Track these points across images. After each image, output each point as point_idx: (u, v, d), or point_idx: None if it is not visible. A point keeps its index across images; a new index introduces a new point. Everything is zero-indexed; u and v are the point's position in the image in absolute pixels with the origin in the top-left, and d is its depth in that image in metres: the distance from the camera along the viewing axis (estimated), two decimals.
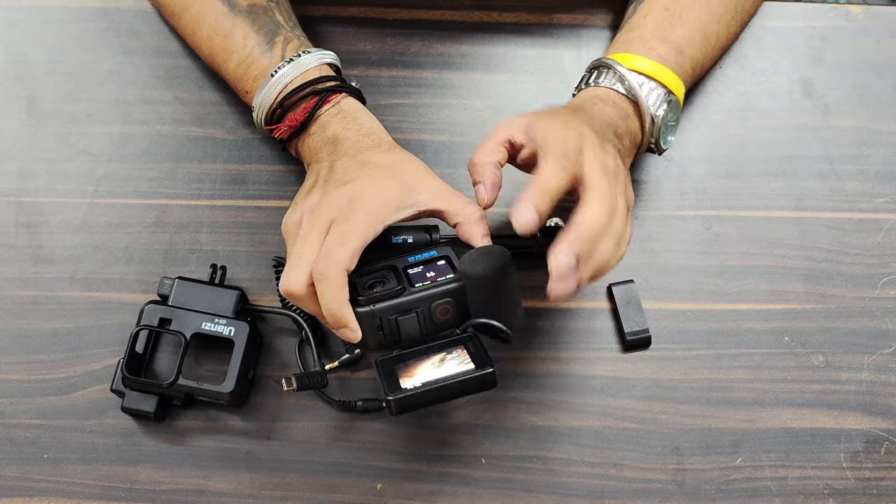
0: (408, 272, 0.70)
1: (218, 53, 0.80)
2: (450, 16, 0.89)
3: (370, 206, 0.68)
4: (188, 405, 0.76)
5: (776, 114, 0.86)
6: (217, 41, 0.80)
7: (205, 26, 0.80)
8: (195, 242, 0.81)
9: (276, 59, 0.77)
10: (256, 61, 0.77)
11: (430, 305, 0.68)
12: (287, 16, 0.81)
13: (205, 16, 0.80)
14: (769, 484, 0.76)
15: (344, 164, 0.72)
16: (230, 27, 0.79)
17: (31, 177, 0.83)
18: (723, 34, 0.82)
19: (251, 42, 0.78)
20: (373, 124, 0.76)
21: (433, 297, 0.68)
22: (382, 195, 0.69)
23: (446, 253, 0.71)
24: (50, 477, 0.75)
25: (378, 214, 0.69)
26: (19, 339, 0.79)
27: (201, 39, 0.81)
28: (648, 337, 0.78)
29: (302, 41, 0.79)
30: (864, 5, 0.91)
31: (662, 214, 0.83)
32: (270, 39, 0.78)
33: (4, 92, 0.86)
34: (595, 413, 0.77)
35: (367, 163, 0.72)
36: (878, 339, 0.80)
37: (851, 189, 0.84)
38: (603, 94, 0.75)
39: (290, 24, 0.80)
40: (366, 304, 0.67)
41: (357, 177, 0.70)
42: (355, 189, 0.69)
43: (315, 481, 0.75)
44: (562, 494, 0.75)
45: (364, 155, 0.72)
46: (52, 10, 0.88)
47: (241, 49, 0.78)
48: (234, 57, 0.79)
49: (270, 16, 0.79)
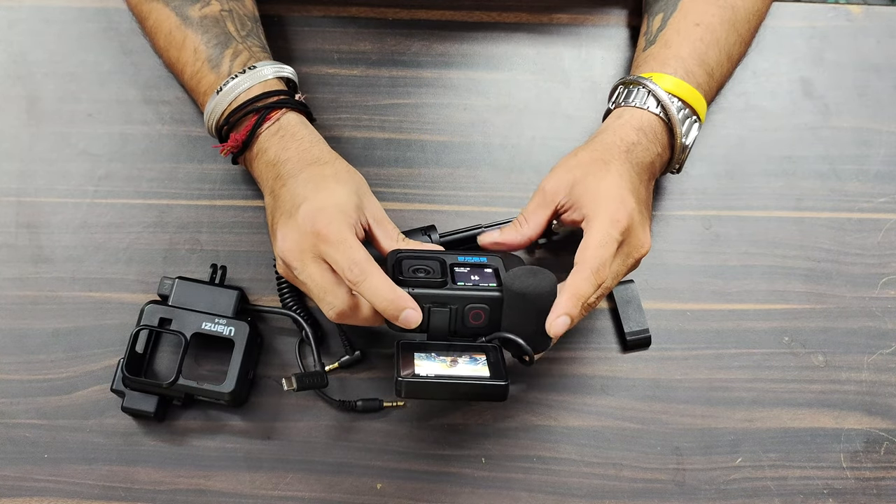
0: (454, 269, 0.71)
1: (174, 65, 0.81)
2: (450, 16, 0.89)
3: (335, 213, 0.69)
4: (188, 405, 0.76)
5: (776, 114, 0.86)
6: (172, 53, 0.80)
7: (161, 37, 0.81)
8: (195, 242, 0.81)
9: (223, 74, 0.76)
10: (205, 77, 0.77)
11: (465, 306, 0.68)
12: (240, 24, 0.79)
13: (160, 27, 0.80)
14: (769, 484, 0.76)
15: (289, 188, 0.72)
16: (182, 40, 0.79)
17: (31, 177, 0.83)
18: (742, 53, 0.83)
19: (201, 56, 0.78)
20: (312, 138, 0.75)
21: (471, 298, 0.68)
22: (340, 203, 0.69)
23: (496, 264, 0.72)
24: (50, 477, 0.75)
25: (345, 218, 0.69)
26: (19, 339, 0.79)
27: (160, 49, 0.82)
28: (648, 337, 0.78)
29: (252, 52, 0.78)
30: (864, 5, 0.91)
31: (662, 214, 0.83)
32: (220, 53, 0.77)
33: (5, 92, 0.86)
34: (595, 413, 0.77)
35: (311, 178, 0.71)
36: (878, 339, 0.80)
37: (851, 189, 0.84)
38: (647, 125, 0.74)
39: (241, 33, 0.79)
40: (405, 285, 0.68)
41: (307, 195, 0.70)
42: (312, 206, 0.69)
43: (315, 481, 0.75)
44: (562, 494, 0.75)
45: (306, 173, 0.72)
46: (52, 10, 0.88)
47: (192, 63, 0.78)
48: (187, 69, 0.79)
49: (222, 27, 0.78)
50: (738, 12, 0.80)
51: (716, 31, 0.79)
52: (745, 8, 0.81)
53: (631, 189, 0.71)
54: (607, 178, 0.71)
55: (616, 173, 0.71)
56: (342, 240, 0.67)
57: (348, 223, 0.69)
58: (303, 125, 0.76)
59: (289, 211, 0.70)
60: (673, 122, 0.74)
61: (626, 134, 0.74)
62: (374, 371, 0.78)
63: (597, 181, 0.71)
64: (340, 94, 0.86)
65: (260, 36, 0.80)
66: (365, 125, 0.85)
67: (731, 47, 0.80)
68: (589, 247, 0.69)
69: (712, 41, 0.78)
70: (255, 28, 0.81)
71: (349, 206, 0.70)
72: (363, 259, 0.67)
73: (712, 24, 0.79)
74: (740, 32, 0.81)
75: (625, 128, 0.74)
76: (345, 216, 0.69)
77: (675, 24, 0.79)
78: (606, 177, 0.71)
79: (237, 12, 0.80)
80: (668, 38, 0.78)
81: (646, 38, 0.81)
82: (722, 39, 0.79)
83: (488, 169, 0.84)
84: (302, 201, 0.70)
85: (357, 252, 0.67)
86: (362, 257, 0.67)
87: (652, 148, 0.74)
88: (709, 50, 0.78)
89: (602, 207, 0.70)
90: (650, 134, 0.74)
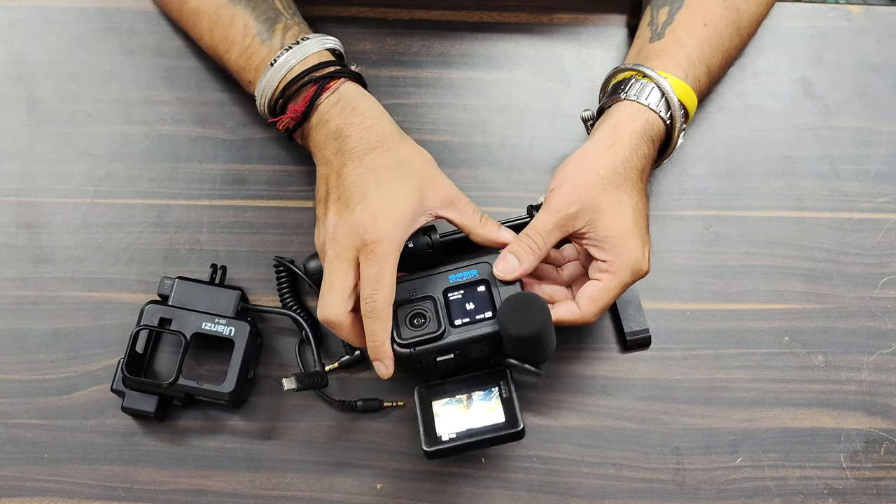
0: (448, 301, 0.71)
1: (219, 44, 0.80)
2: (450, 16, 0.89)
3: (390, 226, 0.68)
4: (188, 405, 0.76)
5: (776, 114, 0.86)
6: (218, 32, 0.80)
7: (205, 18, 0.80)
8: (195, 242, 0.81)
9: (276, 47, 0.76)
10: (257, 51, 0.77)
11: (466, 346, 0.69)
12: (286, 2, 0.80)
13: (204, 7, 0.80)
14: (769, 484, 0.76)
15: (351, 172, 0.71)
16: (230, 17, 0.79)
17: (31, 177, 0.83)
18: (738, 57, 0.84)
19: (251, 31, 0.77)
20: (374, 112, 0.74)
21: (471, 340, 0.69)
22: (398, 210, 0.69)
23: (485, 276, 0.72)
24: (50, 477, 0.75)
25: (400, 233, 0.69)
26: (19, 339, 0.79)
27: (202, 31, 0.81)
28: (648, 337, 0.78)
29: (302, 28, 0.78)
30: (864, 5, 0.91)
31: (662, 214, 0.83)
32: (270, 27, 0.77)
33: (5, 92, 0.86)
34: (595, 413, 0.77)
35: (375, 169, 0.71)
36: (877, 339, 0.80)
37: (851, 189, 0.84)
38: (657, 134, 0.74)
39: (289, 11, 0.80)
40: (406, 346, 0.69)
41: (368, 190, 0.70)
42: (370, 209, 0.69)
43: (315, 481, 0.75)
44: (562, 494, 0.75)
45: (369, 158, 0.71)
46: (52, 10, 0.88)
47: (241, 39, 0.78)
48: (235, 47, 0.78)
49: (269, 3, 0.79)
50: (742, 14, 0.80)
51: (721, 34, 0.79)
52: (749, 11, 0.81)
53: (646, 224, 0.72)
54: (627, 217, 0.71)
55: (634, 211, 0.71)
56: (382, 261, 0.68)
57: (398, 241, 0.69)
58: (363, 96, 0.75)
59: (347, 201, 0.70)
60: (675, 132, 0.75)
61: (641, 147, 0.73)
62: (373, 371, 0.78)
63: (620, 222, 0.70)
64: None
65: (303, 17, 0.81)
66: None
67: (731, 51, 0.81)
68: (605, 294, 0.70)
69: (718, 45, 0.78)
70: (297, 10, 0.81)
71: (406, 212, 0.69)
72: (384, 294, 0.68)
73: (719, 25, 0.79)
74: (742, 36, 0.81)
75: (641, 138, 0.73)
76: (400, 230, 0.69)
77: (684, 21, 0.78)
78: (627, 215, 0.71)
79: None
80: (679, 37, 0.78)
81: (651, 28, 0.80)
82: (726, 42, 0.79)
83: (488, 169, 0.84)
84: (361, 198, 0.69)
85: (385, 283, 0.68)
86: (385, 292, 0.68)
87: (654, 157, 0.75)
88: (714, 54, 0.78)
89: (626, 260, 0.70)
90: (658, 143, 0.75)
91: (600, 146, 0.72)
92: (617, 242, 0.70)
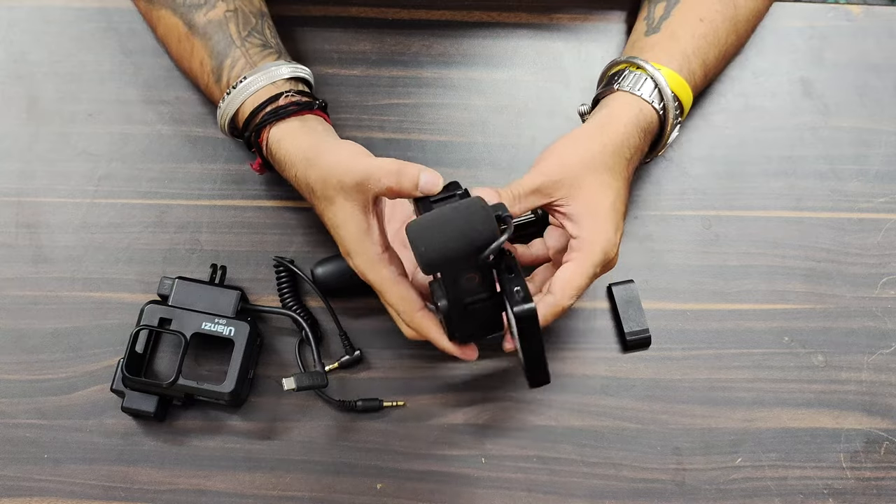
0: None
1: (188, 74, 0.82)
2: (450, 16, 0.89)
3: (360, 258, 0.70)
4: (188, 405, 0.76)
5: (776, 114, 0.86)
6: (185, 63, 0.81)
7: (172, 46, 0.82)
8: (195, 242, 0.81)
9: (223, 89, 0.77)
10: (213, 90, 0.79)
11: None
12: (244, 23, 0.78)
13: (170, 36, 0.81)
14: (769, 484, 0.76)
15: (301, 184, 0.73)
16: (190, 50, 0.79)
17: (31, 177, 0.83)
18: (736, 55, 0.84)
19: (206, 69, 0.78)
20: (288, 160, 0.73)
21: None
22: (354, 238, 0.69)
23: None
24: (50, 477, 0.75)
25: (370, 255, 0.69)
26: (19, 339, 0.79)
27: (173, 58, 0.84)
28: (648, 337, 0.78)
29: (248, 56, 0.77)
30: (864, 5, 0.91)
31: (662, 214, 0.83)
32: (220, 64, 0.77)
33: (5, 92, 0.86)
34: (595, 413, 0.77)
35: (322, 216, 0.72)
36: (878, 339, 0.80)
37: (851, 189, 0.84)
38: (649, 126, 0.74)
39: (242, 34, 0.78)
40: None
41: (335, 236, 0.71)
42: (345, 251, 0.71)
43: (315, 481, 0.75)
44: (562, 494, 0.75)
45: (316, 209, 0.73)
46: (52, 10, 0.88)
47: (201, 75, 0.79)
48: (199, 82, 0.80)
49: (224, 31, 0.78)
50: (739, 10, 0.80)
51: (718, 30, 0.79)
52: (747, 7, 0.81)
53: (624, 212, 0.72)
54: (607, 198, 0.70)
55: (615, 194, 0.71)
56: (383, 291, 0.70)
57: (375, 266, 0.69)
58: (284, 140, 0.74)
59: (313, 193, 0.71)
60: (668, 124, 0.75)
61: (632, 136, 0.73)
62: (374, 371, 0.78)
63: (599, 200, 0.70)
64: (340, 94, 0.86)
65: (264, 32, 0.79)
66: (365, 125, 0.85)
67: (728, 48, 0.80)
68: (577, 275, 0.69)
69: (714, 40, 0.78)
70: (260, 24, 0.79)
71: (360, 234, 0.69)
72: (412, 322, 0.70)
73: (715, 21, 0.79)
74: (739, 33, 0.81)
75: (633, 128, 0.73)
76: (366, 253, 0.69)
77: (680, 15, 0.79)
78: (608, 195, 0.70)
79: (242, 10, 0.79)
80: (675, 31, 0.78)
81: (646, 22, 0.80)
82: (722, 39, 0.79)
83: (488, 169, 0.84)
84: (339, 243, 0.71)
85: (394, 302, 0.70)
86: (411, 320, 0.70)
87: (644, 148, 0.75)
88: (710, 49, 0.78)
89: (599, 239, 0.69)
90: (649, 135, 0.74)
91: (592, 131, 0.73)
92: (592, 220, 0.70)
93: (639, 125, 0.73)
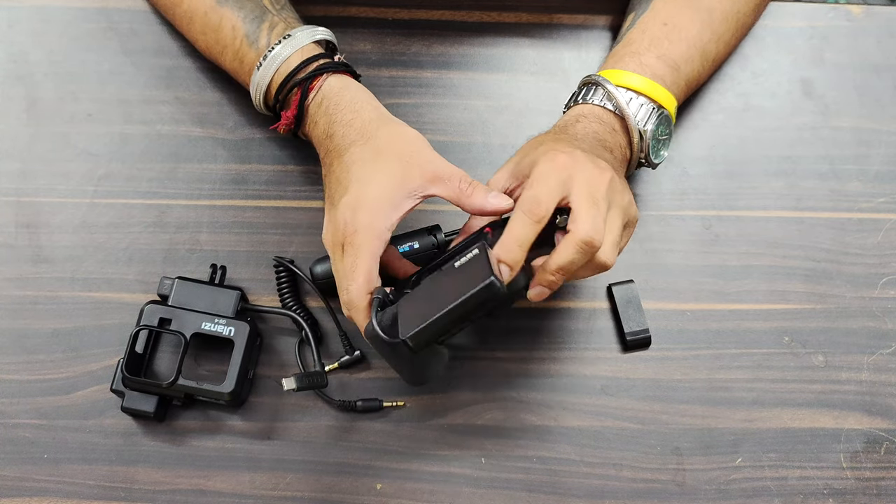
0: None
1: (213, 47, 0.80)
2: (450, 16, 0.89)
3: (367, 217, 0.68)
4: (188, 405, 0.76)
5: (776, 114, 0.86)
6: (210, 35, 0.80)
7: (196, 21, 0.81)
8: (195, 242, 0.81)
9: (262, 47, 0.77)
10: (247, 53, 0.77)
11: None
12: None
13: (195, 10, 0.80)
14: (769, 484, 0.76)
15: (336, 170, 0.72)
16: (219, 20, 0.79)
17: (31, 177, 0.83)
18: (721, 52, 0.82)
19: (239, 34, 0.78)
20: (354, 105, 0.73)
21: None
22: (374, 200, 0.68)
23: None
24: (50, 477, 0.75)
25: (379, 222, 0.68)
26: (19, 339, 0.79)
27: (196, 34, 0.82)
28: (648, 337, 0.78)
29: (288, 22, 0.78)
30: (864, 5, 0.91)
31: (662, 214, 0.83)
32: (257, 27, 0.77)
33: (4, 92, 0.86)
34: (595, 413, 0.77)
35: (353, 163, 0.70)
36: (878, 339, 0.80)
37: (851, 189, 0.84)
38: (588, 111, 0.75)
39: (276, 6, 0.79)
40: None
41: (349, 185, 0.70)
42: (349, 202, 0.69)
43: (315, 481, 0.75)
44: (562, 494, 0.75)
45: (349, 154, 0.71)
46: (52, 10, 0.88)
47: (231, 42, 0.78)
48: (227, 51, 0.79)
49: (256, 1, 0.79)
50: (713, 13, 0.80)
51: (684, 29, 0.78)
52: (723, 9, 0.81)
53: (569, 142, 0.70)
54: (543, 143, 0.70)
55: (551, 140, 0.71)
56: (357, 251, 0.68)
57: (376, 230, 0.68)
58: (345, 90, 0.74)
59: (331, 199, 0.71)
60: (623, 111, 0.74)
61: (568, 118, 0.75)
62: (374, 371, 0.78)
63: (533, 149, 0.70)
64: None
65: (293, 9, 0.80)
66: None
67: (704, 44, 0.80)
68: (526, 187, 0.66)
69: (679, 38, 0.78)
70: (288, 2, 0.81)
71: (383, 200, 0.68)
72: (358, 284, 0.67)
73: (681, 22, 0.79)
74: (715, 30, 0.80)
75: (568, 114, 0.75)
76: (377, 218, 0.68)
77: (643, 23, 0.79)
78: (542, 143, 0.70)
79: None
80: (632, 37, 0.79)
81: (617, 37, 0.81)
82: (693, 36, 0.79)
83: (488, 169, 0.84)
84: (342, 194, 0.69)
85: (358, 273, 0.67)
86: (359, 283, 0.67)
87: (594, 126, 0.74)
88: (673, 46, 0.78)
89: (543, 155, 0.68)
90: (592, 117, 0.75)
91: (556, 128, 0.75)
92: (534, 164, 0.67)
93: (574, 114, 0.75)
